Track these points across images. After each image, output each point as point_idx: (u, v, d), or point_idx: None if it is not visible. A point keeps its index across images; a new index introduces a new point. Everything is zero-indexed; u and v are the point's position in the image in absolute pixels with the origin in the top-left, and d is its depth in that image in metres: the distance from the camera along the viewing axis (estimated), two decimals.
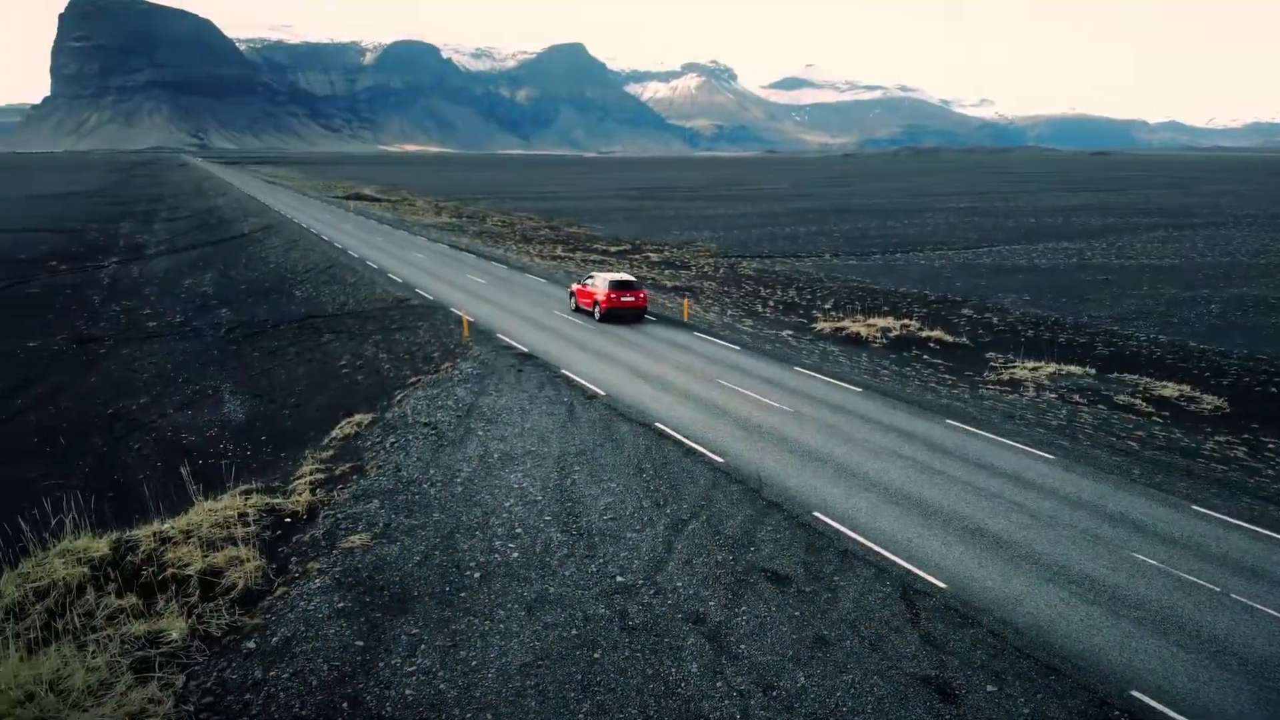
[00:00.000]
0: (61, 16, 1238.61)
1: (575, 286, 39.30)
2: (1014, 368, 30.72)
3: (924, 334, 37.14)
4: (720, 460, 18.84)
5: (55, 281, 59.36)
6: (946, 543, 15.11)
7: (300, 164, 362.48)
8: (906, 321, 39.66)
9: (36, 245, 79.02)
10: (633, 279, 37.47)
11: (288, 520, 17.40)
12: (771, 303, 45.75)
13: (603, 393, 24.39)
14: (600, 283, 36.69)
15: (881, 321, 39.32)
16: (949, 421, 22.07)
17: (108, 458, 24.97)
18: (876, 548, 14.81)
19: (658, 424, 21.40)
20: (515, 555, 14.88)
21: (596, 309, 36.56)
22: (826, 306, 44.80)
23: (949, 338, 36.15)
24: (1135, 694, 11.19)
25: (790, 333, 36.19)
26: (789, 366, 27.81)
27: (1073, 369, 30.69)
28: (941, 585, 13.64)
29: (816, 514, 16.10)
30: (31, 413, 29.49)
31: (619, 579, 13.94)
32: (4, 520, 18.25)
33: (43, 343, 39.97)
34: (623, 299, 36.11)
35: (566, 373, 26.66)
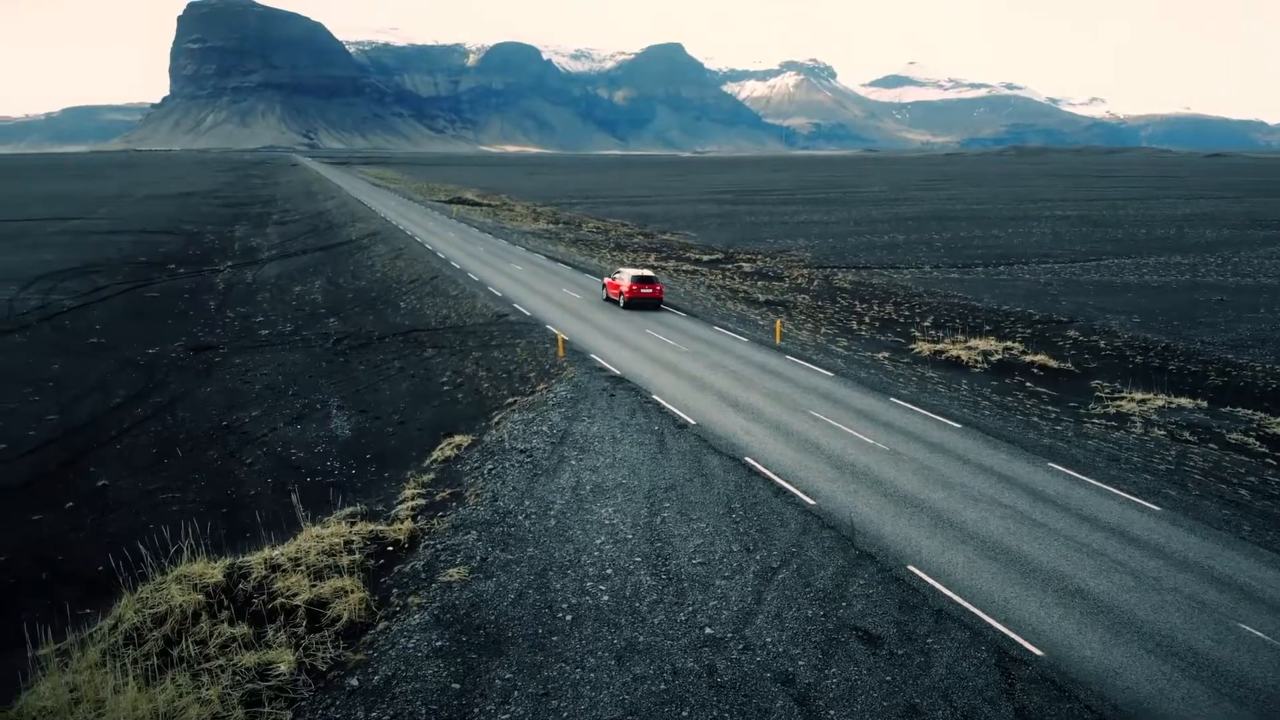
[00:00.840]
0: (180, 19, 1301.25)
1: (606, 280, 45.98)
2: (1121, 399, 29.70)
3: (1027, 358, 36.18)
4: (812, 503, 18.75)
5: (174, 285, 62.35)
6: (1045, 605, 14.76)
7: (404, 165, 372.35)
8: (1009, 344, 38.65)
9: (156, 247, 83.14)
10: (651, 274, 44.33)
11: (390, 548, 18.04)
12: (868, 319, 45.14)
13: (693, 421, 24.51)
14: (625, 277, 43.70)
15: (982, 343, 38.42)
16: (1051, 465, 21.48)
17: (221, 471, 26.18)
18: (972, 608, 14.57)
19: (748, 459, 21.42)
20: (606, 598, 15.14)
21: (621, 298, 43.44)
22: (925, 324, 43.99)
23: (1053, 363, 35.13)
24: None
25: (886, 355, 35.69)
26: (885, 397, 27.44)
27: (1183, 402, 29.52)
28: (1038, 653, 13.35)
29: (911, 568, 15.90)
30: (151, 422, 31.09)
31: (708, 630, 14.06)
32: (125, 544, 19.40)
33: (162, 349, 42.03)
34: (642, 290, 43.18)
35: (657, 398, 26.87)
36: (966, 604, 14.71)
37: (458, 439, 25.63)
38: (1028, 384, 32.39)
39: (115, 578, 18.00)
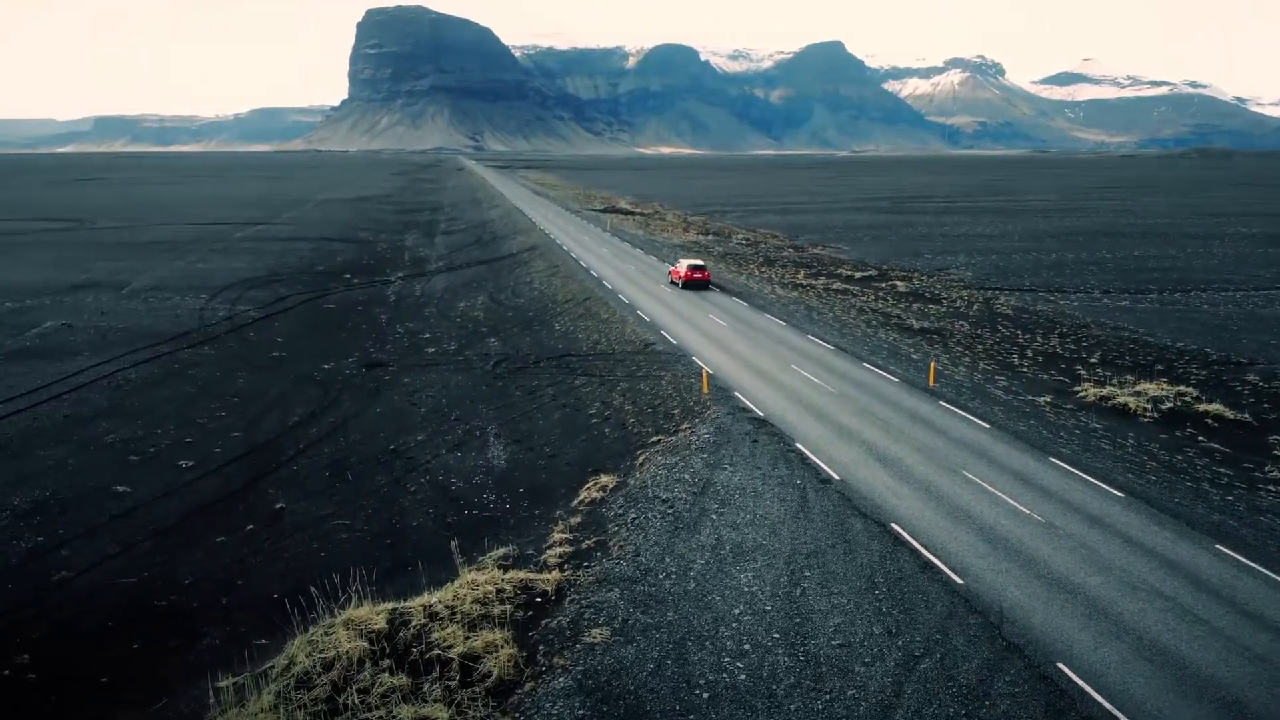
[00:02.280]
0: (359, 25, 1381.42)
1: (671, 269, 63.13)
2: None
3: (1200, 408, 34.01)
4: (959, 582, 18.36)
5: (349, 296, 66.25)
6: (1200, 719, 14.05)
7: (563, 169, 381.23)
8: (1181, 389, 36.42)
9: (333, 256, 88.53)
10: (701, 263, 61.22)
11: (538, 599, 18.84)
12: (1030, 353, 43.41)
13: (837, 477, 24.35)
14: (683, 266, 60.30)
15: (1152, 387, 36.36)
16: (1219, 547, 20.21)
17: (388, 499, 27.81)
18: (1124, 718, 14.01)
19: (894, 525, 21.14)
20: (743, 678, 15.38)
21: (680, 280, 59.64)
22: (1092, 361, 41.97)
23: (1229, 414, 32.89)
24: None
25: (1048, 399, 34.25)
26: (1044, 456, 26.38)
27: None
28: None
29: (1061, 665, 15.38)
30: (325, 443, 33.30)
31: None
32: (298, 573, 20.99)
33: (336, 365, 44.83)
34: (694, 275, 59.37)
35: (801, 447, 26.81)
36: (1118, 712, 14.15)
37: (604, 479, 26.39)
38: (1200, 438, 30.48)
39: (288, 608, 19.61)
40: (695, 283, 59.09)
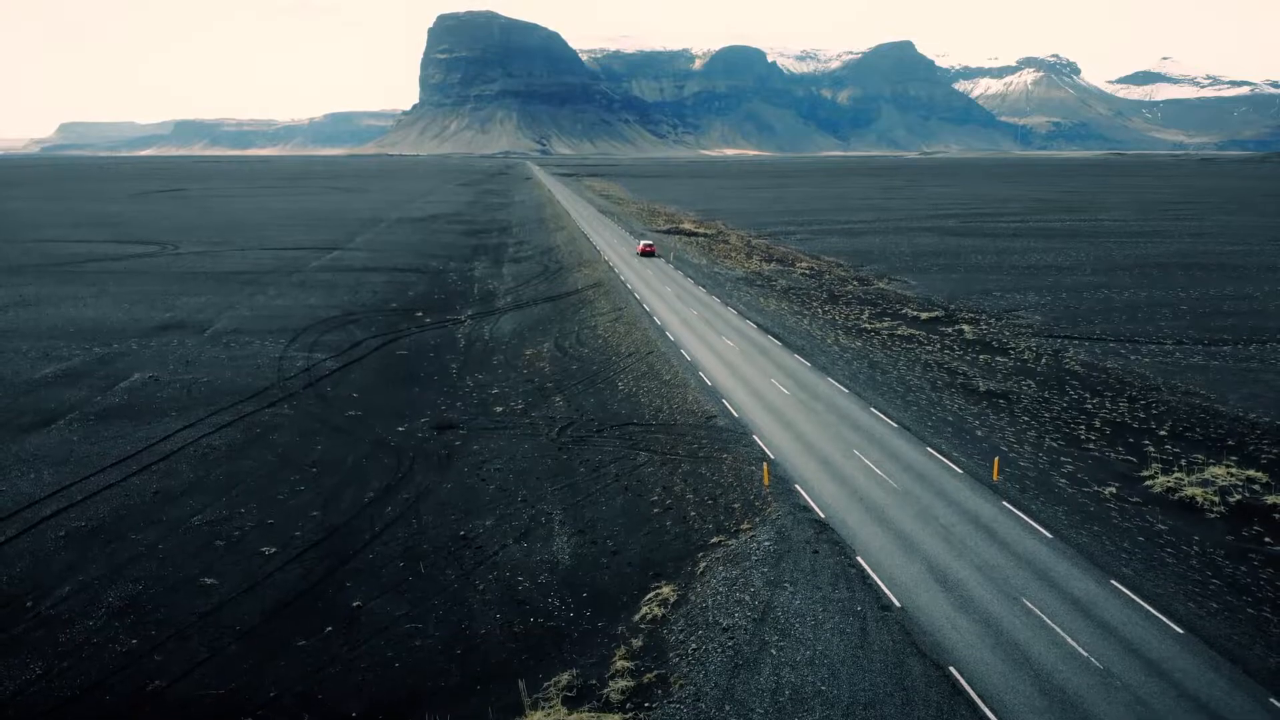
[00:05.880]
0: (430, 31, 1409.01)
1: (636, 245, 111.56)
2: None
3: (1269, 499, 33.43)
4: None
5: (421, 340, 68.04)
6: None
7: (627, 176, 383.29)
8: (1251, 473, 35.87)
9: (405, 290, 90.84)
10: (650, 243, 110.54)
11: None
12: (1098, 423, 43.04)
13: (898, 604, 24.66)
14: (640, 244, 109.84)
15: (1221, 472, 35.83)
16: (1272, 702, 20.07)
17: (457, 598, 28.77)
18: None
19: (953, 669, 21.41)
20: None
21: (639, 253, 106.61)
22: (1161, 434, 41.50)
23: None
24: None
25: (1114, 490, 33.99)
26: (1105, 579, 26.16)
27: None
28: None
29: None
30: (399, 526, 34.47)
31: None
32: (374, 685, 22.04)
33: (409, 427, 46.22)
34: (645, 250, 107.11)
35: (862, 562, 27.17)
36: None
37: (665, 590, 27.08)
38: (1266, 540, 30.05)
39: None
40: (647, 254, 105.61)
